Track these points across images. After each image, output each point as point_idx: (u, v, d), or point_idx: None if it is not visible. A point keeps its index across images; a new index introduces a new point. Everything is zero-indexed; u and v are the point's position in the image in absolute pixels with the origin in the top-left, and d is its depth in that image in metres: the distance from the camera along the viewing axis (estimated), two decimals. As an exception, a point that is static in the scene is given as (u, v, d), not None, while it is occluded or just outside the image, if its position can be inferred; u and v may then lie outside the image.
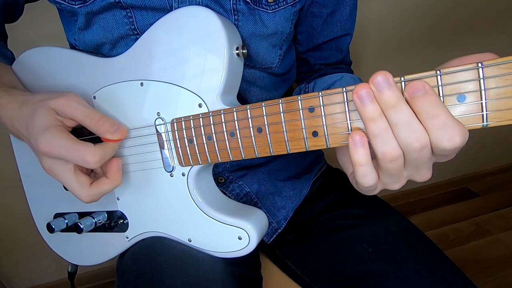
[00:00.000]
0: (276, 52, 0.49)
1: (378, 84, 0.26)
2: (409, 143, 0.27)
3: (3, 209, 1.00)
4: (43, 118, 0.36)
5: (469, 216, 1.27)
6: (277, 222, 0.54)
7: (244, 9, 0.43)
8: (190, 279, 0.39)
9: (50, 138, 0.35)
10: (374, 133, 0.28)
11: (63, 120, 0.37)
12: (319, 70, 0.58)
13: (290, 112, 0.33)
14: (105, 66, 0.44)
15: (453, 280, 0.42)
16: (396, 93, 0.26)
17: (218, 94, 0.38)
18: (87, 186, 0.38)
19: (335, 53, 0.57)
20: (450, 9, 1.09)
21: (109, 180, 0.39)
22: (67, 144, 0.35)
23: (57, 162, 0.37)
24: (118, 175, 0.39)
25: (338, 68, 0.57)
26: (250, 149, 0.36)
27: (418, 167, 0.29)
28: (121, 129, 0.39)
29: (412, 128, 0.26)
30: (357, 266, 0.47)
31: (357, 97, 0.27)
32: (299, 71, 0.60)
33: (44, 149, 0.35)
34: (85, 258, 0.50)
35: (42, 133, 0.35)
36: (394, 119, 0.27)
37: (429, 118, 0.26)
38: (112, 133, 0.38)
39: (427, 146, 0.27)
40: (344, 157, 0.35)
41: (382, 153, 0.28)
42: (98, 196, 0.39)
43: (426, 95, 0.26)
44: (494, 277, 1.03)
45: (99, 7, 0.42)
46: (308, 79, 0.58)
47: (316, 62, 0.58)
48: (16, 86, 0.45)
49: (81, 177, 0.38)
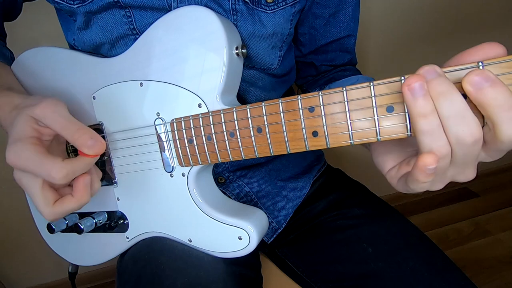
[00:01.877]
0: (276, 54, 0.49)
1: (427, 73, 0.24)
2: (462, 138, 0.25)
3: (3, 209, 1.00)
4: (19, 127, 0.34)
5: (469, 216, 1.27)
6: (277, 222, 0.54)
7: (243, 9, 0.43)
8: (190, 279, 0.39)
9: (18, 150, 0.33)
10: (424, 130, 0.25)
11: (41, 129, 0.35)
12: (327, 72, 0.57)
13: (290, 112, 0.33)
14: (105, 66, 0.44)
15: (453, 280, 0.42)
16: (447, 81, 0.24)
17: (217, 94, 0.38)
18: (50, 204, 0.35)
19: (340, 54, 0.56)
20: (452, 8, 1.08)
21: (74, 199, 0.36)
22: (34, 158, 0.33)
23: (26, 175, 0.35)
24: (84, 193, 0.36)
25: (346, 70, 0.56)
26: (250, 149, 0.36)
27: (465, 165, 0.27)
28: (99, 144, 0.35)
29: (466, 120, 0.24)
30: (357, 266, 0.47)
31: (408, 89, 0.24)
32: (306, 74, 0.60)
33: (11, 161, 0.34)
34: (86, 258, 0.50)
35: (12, 143, 0.34)
36: (447, 110, 0.24)
37: (503, 111, 0.23)
38: (89, 147, 0.34)
39: (480, 140, 0.25)
40: (380, 155, 0.33)
41: (430, 152, 0.26)
42: (61, 215, 0.36)
43: (495, 85, 0.23)
44: (494, 277, 1.03)
45: (98, 6, 0.41)
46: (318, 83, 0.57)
47: (320, 63, 0.57)
48: (13, 87, 0.44)
49: (47, 193, 0.35)
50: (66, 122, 0.34)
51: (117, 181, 0.46)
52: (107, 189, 0.46)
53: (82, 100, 0.45)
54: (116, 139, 0.44)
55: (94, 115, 0.45)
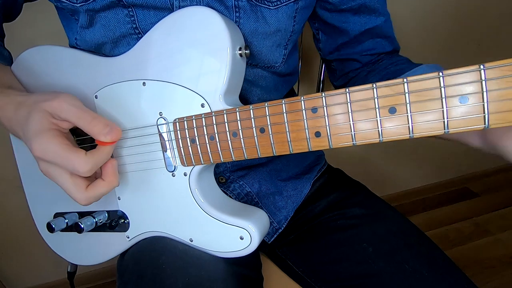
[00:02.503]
0: (281, 52, 0.48)
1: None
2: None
3: (3, 208, 0.99)
4: (37, 121, 0.35)
5: (469, 216, 1.27)
6: (278, 222, 0.54)
7: (245, 6, 0.43)
8: (191, 279, 0.39)
9: (43, 144, 0.35)
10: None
11: (58, 122, 0.37)
12: (372, 63, 0.54)
13: (293, 112, 0.33)
14: (107, 66, 0.44)
15: (453, 280, 0.42)
16: None
17: (220, 94, 0.38)
18: (84, 189, 0.37)
19: (379, 40, 0.53)
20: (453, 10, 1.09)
21: (105, 183, 0.38)
22: (59, 151, 0.34)
23: (53, 166, 0.36)
24: (114, 177, 0.38)
25: (396, 61, 0.51)
26: (252, 149, 0.36)
27: None
28: (115, 130, 0.37)
29: None
30: (357, 266, 0.47)
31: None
32: (347, 70, 0.56)
33: (38, 154, 0.35)
34: (86, 257, 0.50)
35: (35, 137, 0.35)
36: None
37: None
38: (105, 135, 0.36)
39: None
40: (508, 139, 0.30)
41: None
42: (95, 199, 0.38)
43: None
44: (494, 277, 1.03)
45: (101, 5, 0.41)
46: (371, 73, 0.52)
47: (361, 54, 0.53)
48: (13, 86, 0.44)
49: (77, 180, 0.37)
50: (82, 113, 0.36)
51: (118, 181, 0.46)
52: (109, 189, 0.46)
53: (84, 100, 0.45)
54: (118, 139, 0.44)
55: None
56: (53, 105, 0.35)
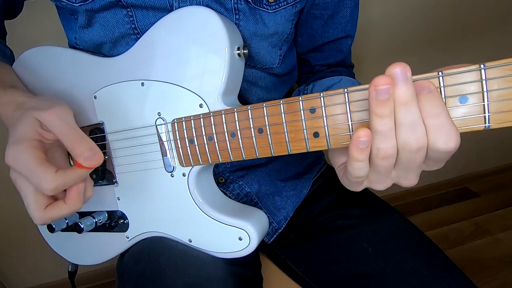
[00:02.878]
0: (276, 53, 0.49)
1: (397, 75, 0.25)
2: (408, 144, 0.27)
3: (3, 208, 1.00)
4: (23, 128, 0.35)
5: (469, 216, 1.27)
6: (277, 222, 0.54)
7: (245, 9, 0.43)
8: (190, 279, 0.39)
9: (18, 153, 0.34)
10: (377, 129, 0.27)
11: (43, 133, 0.35)
12: (319, 72, 0.58)
13: (291, 113, 0.33)
14: (106, 66, 0.44)
15: (453, 280, 0.42)
16: (411, 90, 0.26)
17: (219, 94, 0.38)
18: (42, 208, 0.35)
19: (335, 53, 0.56)
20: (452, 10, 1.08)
21: (65, 206, 0.36)
22: (29, 164, 0.33)
23: (21, 177, 0.35)
24: (77, 201, 0.36)
25: (338, 71, 0.57)
26: (251, 150, 0.36)
27: (408, 170, 0.29)
28: (97, 157, 0.35)
29: (416, 130, 0.27)
30: (357, 266, 0.47)
31: (374, 89, 0.25)
32: (300, 71, 0.60)
33: (9, 161, 0.34)
34: (86, 257, 0.50)
35: (13, 144, 0.34)
36: (402, 118, 0.26)
37: (430, 117, 0.26)
38: (85, 158, 0.34)
39: (424, 148, 0.27)
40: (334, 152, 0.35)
41: (377, 149, 0.28)
42: (52, 220, 0.36)
43: (430, 94, 0.26)
44: (494, 277, 1.03)
45: (100, 5, 0.41)
46: (307, 81, 0.58)
47: (316, 63, 0.57)
48: (16, 86, 0.44)
49: (39, 197, 0.35)
50: (68, 130, 0.35)
51: (117, 181, 0.46)
52: (108, 189, 0.46)
53: (83, 100, 0.45)
54: (117, 139, 0.44)
55: (95, 114, 0.45)
56: (42, 116, 0.35)
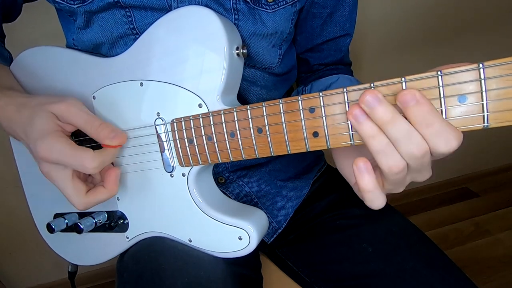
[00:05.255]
0: (276, 52, 0.49)
1: (368, 103, 0.27)
2: (412, 154, 0.27)
3: (3, 209, 1.00)
4: (43, 123, 0.36)
5: (469, 216, 1.27)
6: (277, 222, 0.54)
7: (244, 9, 0.43)
8: (190, 279, 0.39)
9: (50, 144, 0.35)
10: (376, 149, 0.28)
11: (63, 125, 0.38)
12: (318, 71, 0.58)
13: (290, 112, 0.33)
14: (105, 66, 0.44)
15: (453, 280, 0.42)
16: (389, 108, 0.26)
17: (218, 94, 0.38)
18: (83, 194, 0.38)
19: (333, 52, 0.57)
20: (451, 9, 1.08)
21: (105, 190, 0.39)
22: (66, 150, 0.35)
23: (56, 168, 0.37)
24: (115, 185, 0.40)
25: (336, 69, 0.57)
26: (250, 150, 0.36)
27: (420, 171, 0.30)
28: (120, 136, 0.39)
29: (412, 139, 0.27)
30: (357, 266, 0.47)
31: (352, 117, 0.28)
32: (299, 70, 0.60)
33: (44, 155, 0.35)
34: (85, 258, 0.50)
35: (41, 138, 0.35)
36: (393, 134, 0.27)
37: (424, 127, 0.26)
38: (111, 139, 0.38)
39: (428, 153, 0.27)
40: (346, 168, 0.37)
41: (389, 168, 0.28)
42: (93, 205, 0.39)
43: (418, 105, 0.26)
44: (494, 277, 1.03)
45: (98, 6, 0.41)
46: (306, 81, 0.58)
47: (315, 62, 0.57)
48: (14, 87, 0.44)
49: (78, 184, 0.38)
50: (89, 118, 0.37)
51: (117, 181, 0.46)
52: (107, 189, 0.46)
53: (82, 100, 0.44)
54: (116, 139, 0.44)
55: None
56: (61, 108, 0.37)
